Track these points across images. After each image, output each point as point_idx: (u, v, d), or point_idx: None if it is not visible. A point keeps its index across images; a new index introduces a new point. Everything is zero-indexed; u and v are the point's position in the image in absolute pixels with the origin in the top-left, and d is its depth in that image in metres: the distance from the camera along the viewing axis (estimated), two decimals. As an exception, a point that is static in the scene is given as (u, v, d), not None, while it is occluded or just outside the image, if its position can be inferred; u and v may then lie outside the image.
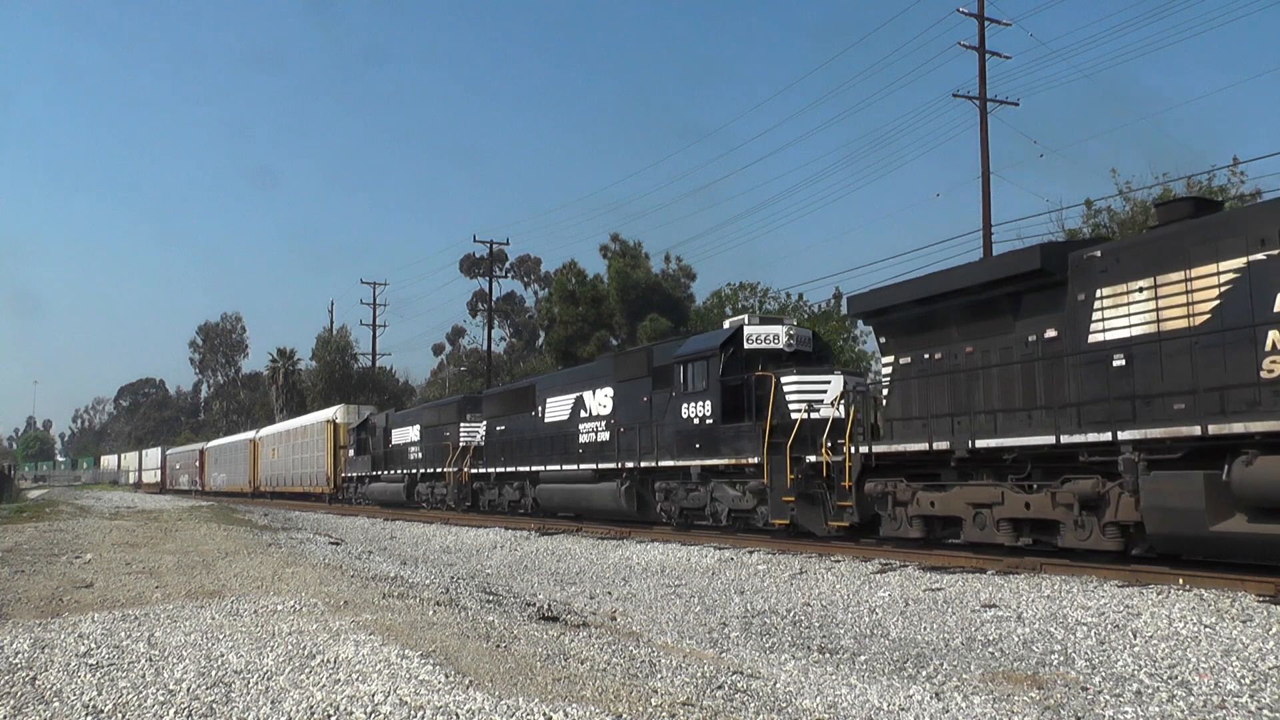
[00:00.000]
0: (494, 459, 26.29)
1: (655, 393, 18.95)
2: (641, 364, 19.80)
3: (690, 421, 17.61)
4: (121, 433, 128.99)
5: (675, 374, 18.18)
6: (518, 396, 25.82)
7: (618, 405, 20.46)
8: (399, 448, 33.82)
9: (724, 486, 16.85)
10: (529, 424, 24.49)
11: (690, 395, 17.65)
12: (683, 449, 17.71)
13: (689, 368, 17.83)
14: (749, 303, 39.15)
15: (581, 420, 21.91)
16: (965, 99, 28.43)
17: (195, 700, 5.36)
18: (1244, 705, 5.86)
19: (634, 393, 19.78)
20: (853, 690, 6.20)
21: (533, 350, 63.43)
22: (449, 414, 30.01)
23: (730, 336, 17.21)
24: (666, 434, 18.26)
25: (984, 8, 28.37)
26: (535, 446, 23.84)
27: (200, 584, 10.62)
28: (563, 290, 46.35)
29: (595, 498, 20.89)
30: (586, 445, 21.47)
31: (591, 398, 21.63)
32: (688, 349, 18.23)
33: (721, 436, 16.76)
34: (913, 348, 13.75)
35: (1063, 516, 11.10)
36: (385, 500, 34.44)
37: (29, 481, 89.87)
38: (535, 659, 6.35)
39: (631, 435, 19.44)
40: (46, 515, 26.76)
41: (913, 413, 13.55)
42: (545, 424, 23.61)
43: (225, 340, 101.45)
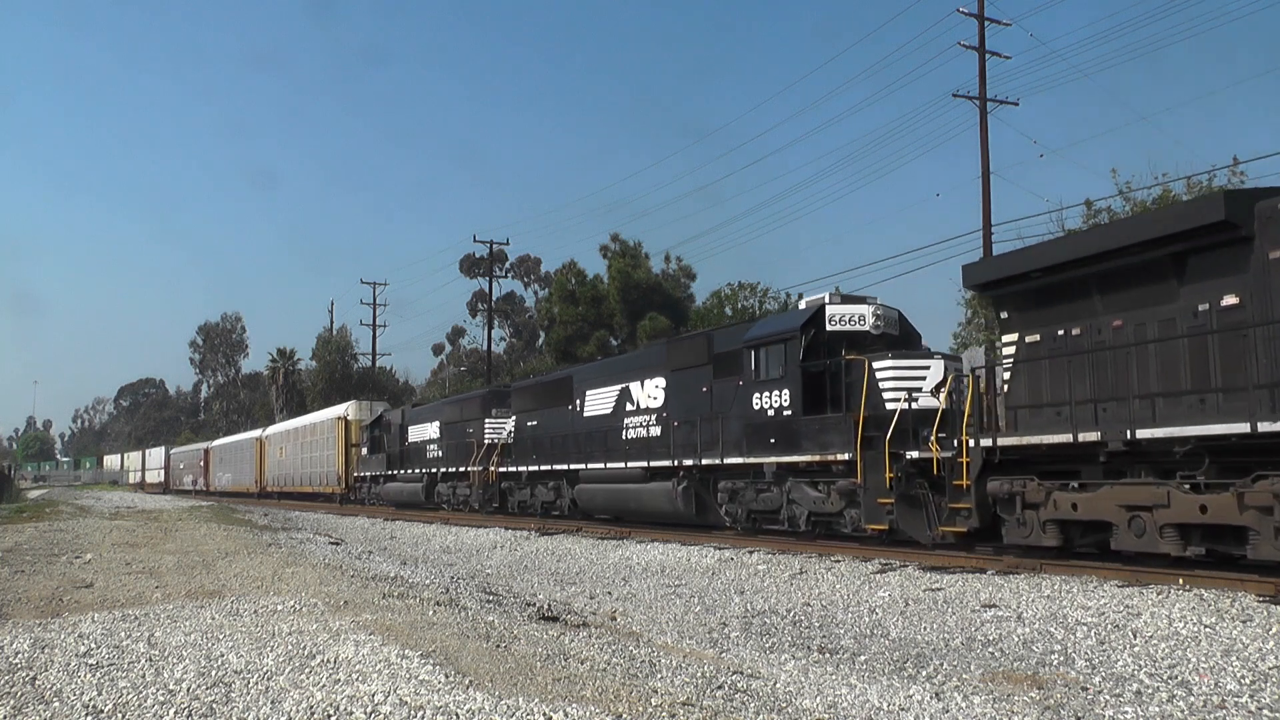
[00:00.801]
0: (524, 457, 24.65)
1: (717, 382, 17.17)
2: (700, 351, 17.99)
3: (763, 413, 15.70)
4: (121, 433, 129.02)
5: (744, 360, 16.26)
6: (552, 389, 24.00)
7: (671, 397, 18.70)
8: (416, 445, 32.23)
9: (803, 487, 15.01)
10: (565, 419, 22.73)
11: (763, 383, 15.72)
12: (754, 444, 15.82)
13: (761, 353, 15.89)
14: (749, 303, 39.18)
15: (627, 414, 20.09)
16: (965, 99, 28.44)
17: (195, 700, 5.36)
18: (1244, 705, 5.86)
19: (691, 382, 18.03)
20: (853, 690, 6.20)
21: (533, 350, 63.44)
22: (472, 409, 28.30)
23: (811, 317, 15.28)
24: (733, 427, 16.45)
25: (984, 8, 28.38)
26: (572, 443, 22.12)
27: (200, 584, 10.62)
28: (563, 290, 46.37)
29: (645, 499, 19.10)
30: (633, 441, 19.73)
31: (639, 389, 19.84)
32: (760, 332, 16.34)
33: (803, 430, 14.90)
34: (1043, 323, 11.83)
35: (1254, 522, 9.17)
36: (402, 501, 32.83)
37: (29, 481, 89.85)
38: (535, 659, 6.35)
39: (689, 429, 17.67)
40: (46, 515, 26.77)
41: (1044, 399, 11.59)
42: (584, 418, 21.83)
43: (225, 340, 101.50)
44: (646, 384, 19.64)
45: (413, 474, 31.98)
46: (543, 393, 24.56)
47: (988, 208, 27.29)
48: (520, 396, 25.96)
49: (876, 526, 13.50)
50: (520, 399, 25.84)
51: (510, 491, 25.76)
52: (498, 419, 26.84)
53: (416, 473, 31.65)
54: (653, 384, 19.42)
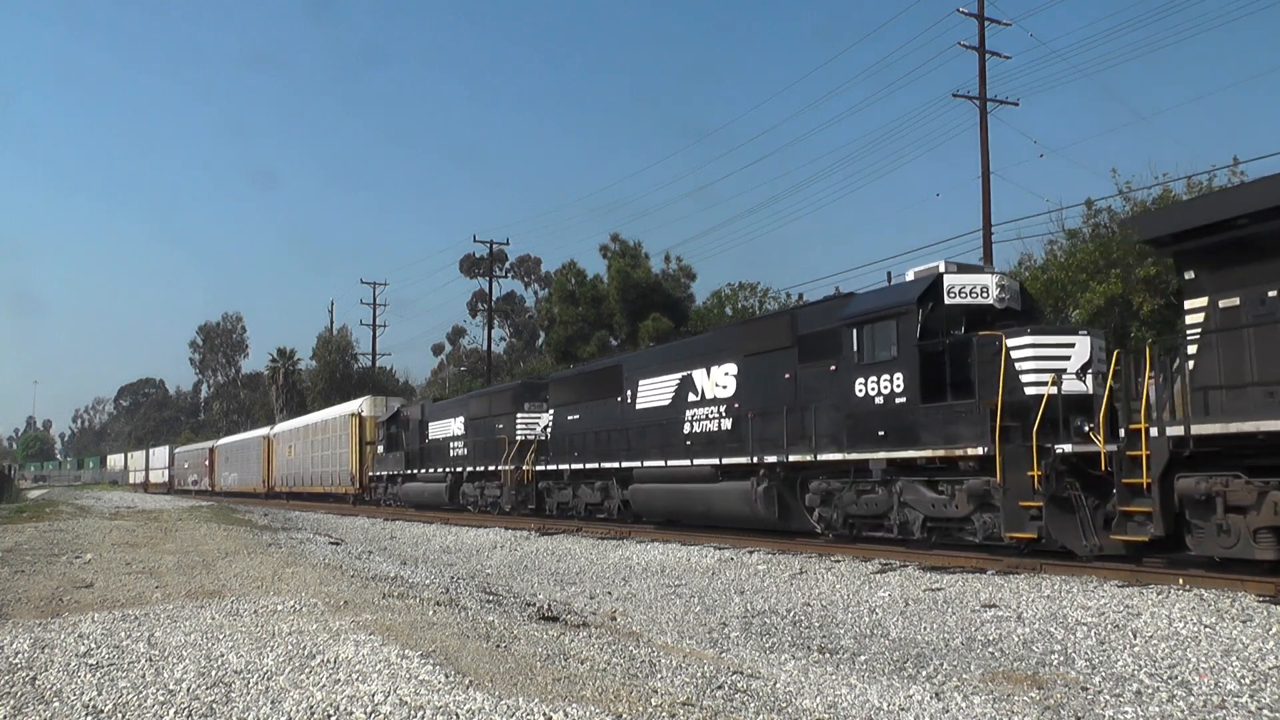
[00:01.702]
0: (564, 454, 22.65)
1: (803, 367, 15.24)
2: (781, 332, 15.99)
3: (869, 401, 13.67)
4: (121, 433, 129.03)
5: (842, 341, 14.26)
6: (598, 379, 21.98)
7: (744, 385, 16.77)
8: (438, 443, 30.38)
9: (919, 487, 13.10)
10: (613, 411, 20.71)
11: (868, 367, 13.74)
12: (856, 438, 13.83)
13: (866, 332, 13.85)
14: (749, 303, 39.19)
15: (690, 405, 18.14)
16: (965, 99, 28.43)
17: (195, 700, 5.36)
18: (1244, 705, 5.86)
19: (769, 369, 16.10)
20: (853, 690, 6.20)
21: (533, 350, 63.46)
22: (503, 403, 26.47)
23: (927, 288, 13.25)
24: (827, 419, 14.52)
25: (984, 8, 28.37)
26: (622, 438, 20.12)
27: (200, 584, 10.62)
28: (563, 290, 46.36)
29: (716, 501, 17.12)
30: (697, 436, 17.85)
31: (703, 377, 17.85)
32: (863, 307, 14.23)
33: (921, 420, 12.92)
34: (1246, 282, 9.83)
35: None
36: (423, 502, 31.15)
37: (29, 481, 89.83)
38: (535, 659, 6.35)
39: (769, 422, 15.80)
40: (46, 515, 26.77)
41: (1248, 377, 9.58)
42: (636, 411, 19.82)
43: (225, 340, 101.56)
44: (713, 371, 17.63)
45: (435, 473, 30.30)
46: (586, 384, 22.59)
47: (988, 208, 27.29)
48: (559, 389, 23.91)
49: (1021, 535, 11.64)
50: (559, 391, 23.80)
51: (548, 492, 23.85)
52: (531, 413, 25.18)
53: (439, 472, 29.96)
54: (721, 371, 17.43)
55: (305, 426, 46.06)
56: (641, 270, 44.00)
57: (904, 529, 13.45)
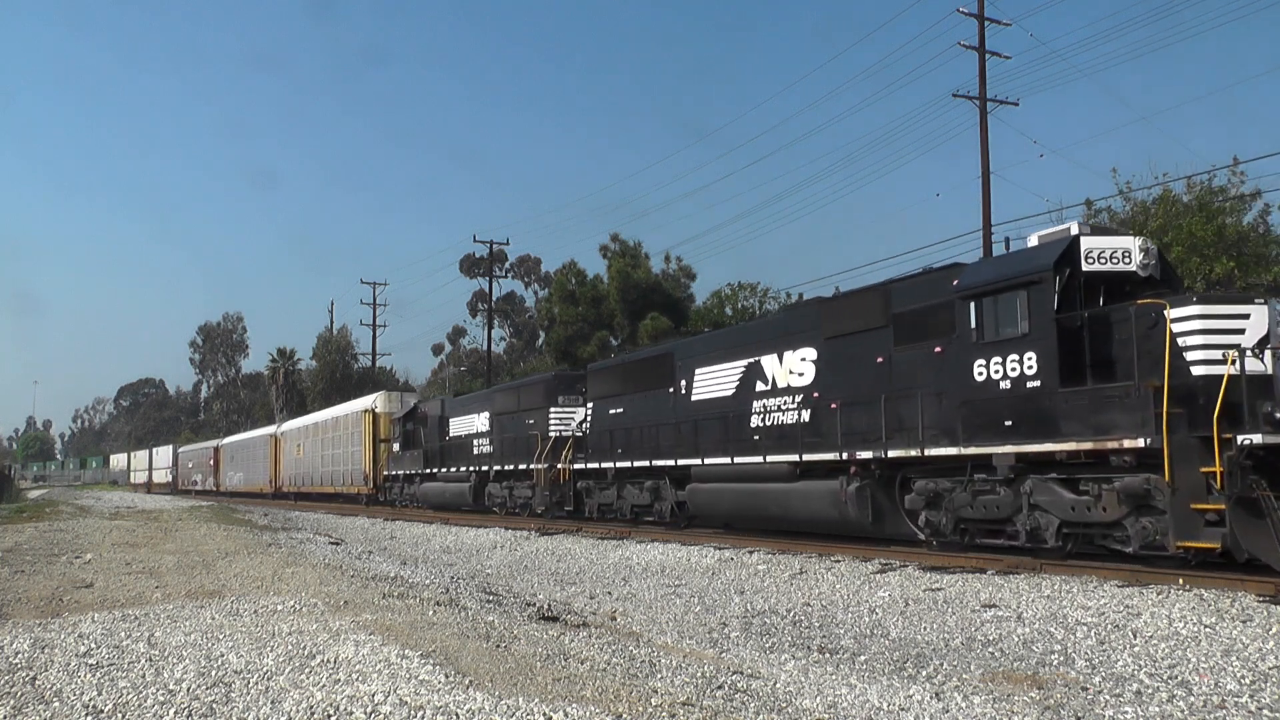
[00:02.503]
0: (604, 451, 20.85)
1: (901, 349, 13.43)
2: (873, 310, 14.10)
3: (991, 386, 11.86)
4: (121, 433, 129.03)
5: (954, 317, 12.44)
6: (645, 369, 20.09)
7: (825, 371, 14.89)
8: (460, 440, 28.73)
9: (1054, 487, 11.22)
10: (664, 403, 18.93)
11: (990, 346, 11.89)
12: (975, 429, 12.02)
13: (988, 304, 11.99)
14: (749, 303, 39.19)
15: (758, 395, 16.29)
16: (965, 99, 28.44)
17: (195, 700, 5.36)
18: (1244, 705, 5.86)
19: (857, 352, 14.24)
20: (853, 690, 6.20)
21: (533, 350, 63.46)
22: (534, 397, 24.80)
23: (1063, 252, 11.39)
24: (934, 408, 12.73)
25: (984, 8, 28.38)
26: (676, 433, 18.32)
27: (200, 584, 10.62)
28: (563, 290, 46.36)
29: (796, 503, 15.15)
30: (768, 430, 15.98)
31: (774, 364, 16.02)
32: (984, 276, 12.30)
33: (1061, 407, 11.04)
34: None
35: None
36: (443, 504, 29.55)
37: (29, 481, 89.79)
38: (535, 659, 6.35)
39: (859, 412, 13.98)
40: (46, 515, 26.78)
41: None
42: (692, 403, 18.04)
43: (225, 340, 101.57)
44: (787, 356, 15.77)
45: (457, 473, 28.60)
46: (631, 374, 20.68)
47: (988, 208, 27.29)
48: (599, 380, 22.00)
49: (1198, 544, 9.77)
50: (599, 383, 21.90)
51: (588, 493, 22.01)
52: (566, 408, 23.56)
53: (461, 471, 28.25)
54: (796, 356, 15.56)
55: (315, 424, 44.36)
56: (641, 270, 44.00)
57: (1033, 535, 11.57)
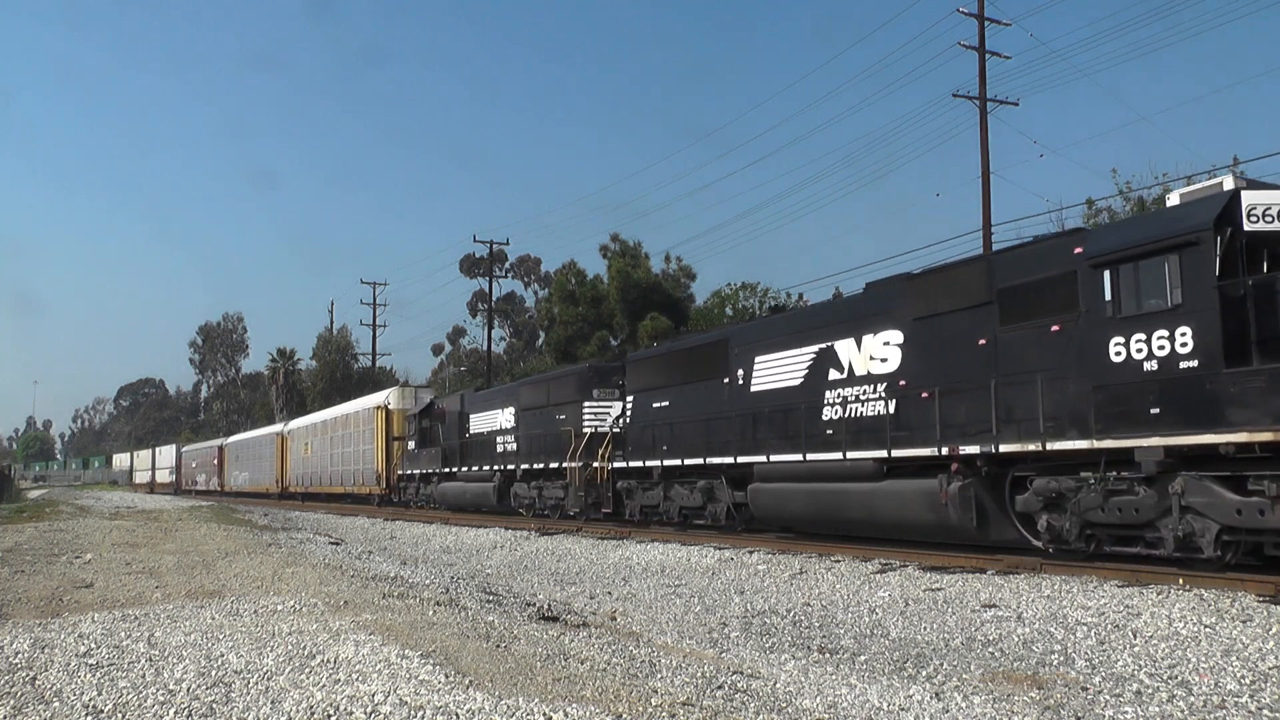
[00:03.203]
0: (646, 448, 19.21)
1: (1008, 329, 11.82)
2: (972, 285, 12.44)
3: (1133, 368, 10.28)
4: (121, 433, 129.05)
5: (1079, 289, 10.88)
6: (695, 359, 18.34)
7: (913, 356, 13.29)
8: (482, 438, 27.29)
9: (1212, 487, 9.70)
10: (717, 395, 17.35)
11: (1131, 321, 10.35)
12: (1111, 418, 10.41)
13: (1126, 272, 10.44)
14: (749, 303, 39.20)
15: (832, 384, 14.62)
16: (965, 99, 28.46)
17: (195, 700, 5.36)
18: (1244, 705, 5.86)
19: (953, 333, 12.63)
20: (853, 690, 6.20)
21: (533, 350, 63.46)
22: (566, 390, 23.23)
23: (1223, 209, 9.80)
24: (1055, 395, 11.08)
25: (984, 8, 28.39)
26: (732, 428, 16.68)
27: (200, 584, 10.62)
28: (563, 290, 46.37)
29: (884, 505, 13.47)
30: (842, 423, 14.32)
31: (850, 349, 14.37)
32: (1117, 241, 10.73)
33: (1227, 391, 9.48)
34: None
35: None
36: (464, 504, 28.20)
37: (29, 482, 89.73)
38: (535, 659, 6.35)
39: (957, 402, 12.39)
40: (46, 515, 26.78)
41: None
42: (751, 394, 16.40)
43: (225, 340, 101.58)
44: (866, 341, 14.12)
45: (479, 472, 27.05)
46: (678, 364, 18.92)
47: (988, 208, 27.31)
48: (640, 371, 20.32)
49: None
50: (640, 374, 20.23)
51: (629, 493, 20.33)
52: (602, 401, 22.06)
53: (484, 470, 26.71)
54: (877, 341, 13.93)
55: (323, 422, 42.84)
56: (641, 270, 44.01)
57: (1185, 543, 9.96)
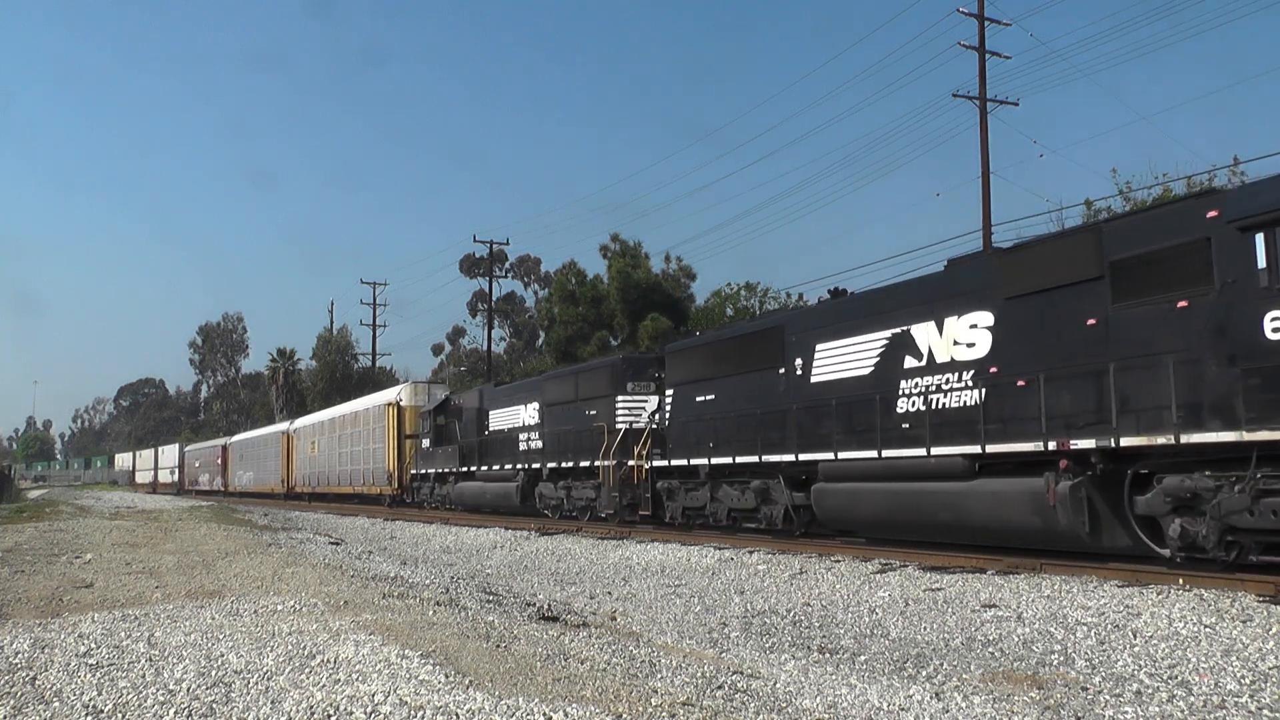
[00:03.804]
0: (689, 445, 17.76)
1: (1123, 305, 10.59)
2: (1079, 258, 11.10)
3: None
4: (121, 433, 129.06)
5: (1219, 257, 9.61)
6: (746, 347, 16.87)
7: (1007, 339, 11.93)
8: (503, 435, 26.13)
9: None
10: (772, 387, 15.83)
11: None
12: (1267, 406, 9.11)
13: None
14: (749, 303, 39.18)
15: (908, 373, 13.24)
16: (965, 99, 28.47)
17: (195, 700, 5.36)
18: (1244, 705, 5.86)
19: (1056, 312, 11.31)
20: (853, 690, 6.20)
21: (533, 350, 63.46)
22: (597, 383, 21.91)
23: None
24: (1190, 381, 9.79)
25: (984, 8, 28.41)
26: (790, 423, 15.22)
27: (200, 584, 10.62)
28: (563, 290, 46.37)
29: (977, 508, 11.94)
30: (920, 416, 12.89)
31: (931, 334, 12.95)
32: (1272, 199, 9.34)
33: None
34: None
35: None
36: (484, 505, 27.00)
37: (29, 482, 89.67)
38: (535, 659, 6.35)
39: (1067, 389, 11.00)
40: (46, 515, 26.78)
41: None
42: (812, 385, 14.91)
43: (225, 340, 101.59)
44: (950, 324, 12.70)
45: (500, 471, 25.76)
46: (725, 354, 17.45)
47: (987, 208, 27.31)
48: (681, 362, 18.76)
49: None
50: (681, 365, 18.70)
51: (672, 494, 18.71)
52: (636, 395, 20.81)
53: (506, 469, 25.43)
54: (963, 324, 12.52)
55: (331, 420, 41.60)
56: (641, 270, 44.01)
57: None
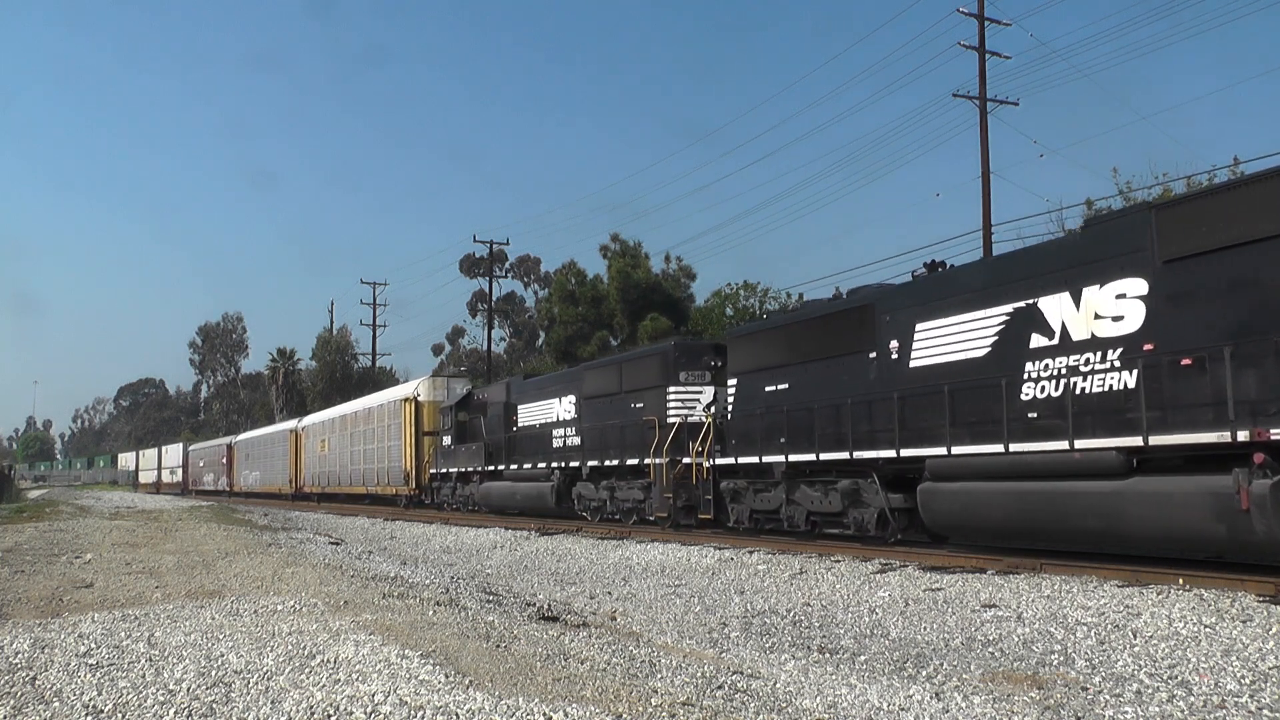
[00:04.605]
0: (758, 441, 15.77)
1: None
2: (1266, 210, 9.35)
3: None
4: (121, 433, 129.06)
5: None
6: (828, 331, 14.80)
7: (1164, 309, 10.19)
8: (535, 431, 24.38)
9: None
10: (860, 374, 13.98)
11: None
12: None
13: None
14: (749, 303, 39.20)
15: (1035, 353, 11.48)
16: (965, 99, 28.46)
17: (195, 700, 5.36)
18: (1244, 705, 5.86)
19: (1234, 276, 9.59)
20: (853, 690, 6.20)
21: (533, 350, 63.46)
22: (646, 373, 19.92)
23: None
24: None
25: (984, 8, 28.40)
26: (885, 414, 13.36)
27: (200, 584, 10.62)
28: (563, 290, 46.37)
29: (1139, 512, 10.13)
30: (1053, 403, 11.17)
31: (1064, 306, 11.21)
32: None
33: None
34: None
35: None
36: (513, 507, 25.14)
37: (29, 482, 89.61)
38: (535, 659, 6.35)
39: (1260, 368, 9.25)
40: (46, 515, 26.78)
41: None
42: (912, 370, 13.14)
43: (225, 340, 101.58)
44: (1089, 295, 10.99)
45: (532, 470, 23.95)
46: (801, 337, 15.49)
47: (988, 208, 27.31)
48: (747, 348, 16.84)
49: None
50: (747, 352, 16.78)
51: (738, 495, 16.66)
52: (690, 386, 18.96)
53: (539, 468, 23.60)
54: (1106, 293, 10.79)
55: (342, 417, 39.98)
56: (641, 270, 44.00)
57: None
